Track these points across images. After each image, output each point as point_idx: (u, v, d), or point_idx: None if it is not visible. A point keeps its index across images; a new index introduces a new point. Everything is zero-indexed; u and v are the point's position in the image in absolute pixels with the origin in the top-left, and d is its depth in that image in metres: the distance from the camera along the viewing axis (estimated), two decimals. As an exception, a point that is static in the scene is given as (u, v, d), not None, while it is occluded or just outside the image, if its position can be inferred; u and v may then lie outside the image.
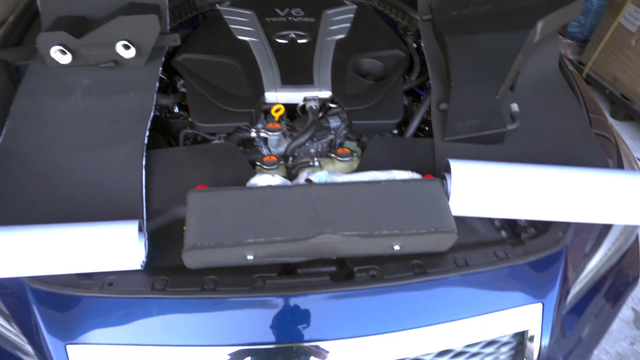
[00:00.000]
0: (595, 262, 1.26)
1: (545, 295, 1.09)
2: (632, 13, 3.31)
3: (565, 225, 1.16)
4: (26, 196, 1.12)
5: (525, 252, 1.09)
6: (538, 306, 1.08)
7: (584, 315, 1.26)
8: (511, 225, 1.19)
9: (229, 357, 0.96)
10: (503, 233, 1.17)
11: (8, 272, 0.94)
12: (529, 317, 1.08)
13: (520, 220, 1.19)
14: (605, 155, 1.31)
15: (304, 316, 0.97)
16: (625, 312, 2.21)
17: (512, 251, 1.09)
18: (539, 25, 1.43)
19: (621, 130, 3.40)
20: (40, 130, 1.25)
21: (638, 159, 1.54)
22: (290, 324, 0.96)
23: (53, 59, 1.38)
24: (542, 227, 1.18)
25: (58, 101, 1.32)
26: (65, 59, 1.38)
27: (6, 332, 1.05)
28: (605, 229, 1.28)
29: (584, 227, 1.19)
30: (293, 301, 0.97)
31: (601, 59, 3.63)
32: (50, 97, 1.33)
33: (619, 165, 1.39)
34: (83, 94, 1.35)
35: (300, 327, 0.96)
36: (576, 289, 1.21)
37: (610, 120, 3.43)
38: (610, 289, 1.34)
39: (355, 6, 1.84)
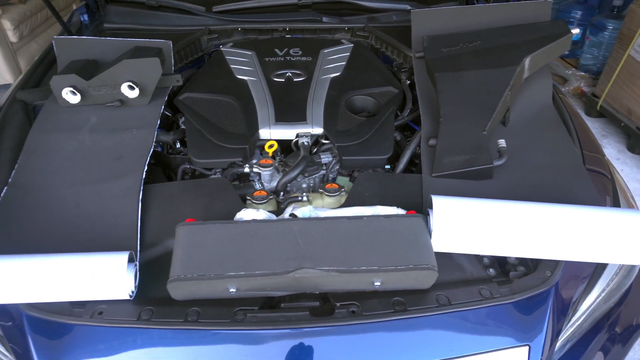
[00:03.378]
0: (590, 302, 1.21)
1: (533, 338, 1.05)
2: (643, 45, 3.30)
3: (555, 264, 1.13)
4: (30, 226, 1.18)
5: (511, 291, 1.07)
6: (524, 349, 1.04)
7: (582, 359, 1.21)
8: (500, 263, 1.18)
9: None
10: (491, 271, 1.15)
11: (4, 298, 0.99)
12: None
13: (510, 258, 1.17)
14: (599, 192, 1.29)
15: (282, 350, 0.97)
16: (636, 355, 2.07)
17: (498, 290, 1.07)
18: (527, 61, 1.46)
19: (639, 163, 3.33)
20: (48, 165, 1.33)
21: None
22: (268, 358, 0.97)
23: (64, 99, 1.48)
24: (532, 265, 1.16)
25: (67, 137, 1.41)
26: (75, 99, 1.48)
27: (2, 357, 1.10)
28: (600, 267, 1.24)
29: (575, 265, 1.16)
30: (272, 335, 0.98)
31: (614, 92, 3.59)
32: (60, 133, 1.42)
33: (615, 203, 1.36)
34: (90, 131, 1.43)
35: (278, 361, 0.97)
36: (569, 331, 1.17)
37: (628, 154, 3.38)
38: (612, 332, 1.27)
39: (351, 45, 1.90)
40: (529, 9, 1.69)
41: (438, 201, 1.10)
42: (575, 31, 1.59)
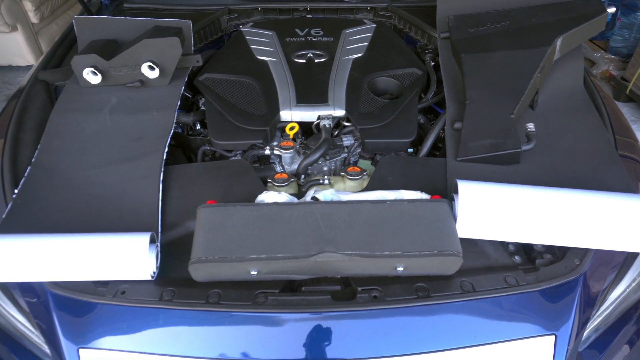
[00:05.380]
0: (619, 293, 1.18)
1: (559, 327, 1.03)
2: (678, 26, 3.15)
3: (583, 252, 1.10)
4: (53, 206, 1.19)
5: (538, 279, 1.04)
6: (550, 338, 1.02)
7: (607, 351, 1.18)
8: (526, 250, 1.15)
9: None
10: (516, 258, 1.13)
11: (29, 276, 1.01)
12: (540, 350, 1.02)
13: (536, 245, 1.14)
14: (632, 178, 1.25)
15: (303, 334, 0.97)
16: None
17: (524, 277, 1.04)
18: (558, 42, 1.40)
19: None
20: (70, 145, 1.34)
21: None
22: (289, 341, 0.97)
23: (85, 79, 1.48)
24: (560, 253, 1.12)
25: (88, 118, 1.41)
26: (96, 79, 1.48)
27: (28, 333, 1.12)
28: (630, 256, 1.20)
29: (604, 253, 1.13)
30: (293, 318, 0.98)
31: (645, 75, 3.46)
32: (81, 114, 1.43)
33: (649, 190, 1.32)
34: (110, 112, 1.43)
35: (298, 344, 0.96)
36: (596, 321, 1.15)
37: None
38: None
39: (374, 25, 1.86)
40: None
41: (464, 186, 1.07)
42: (612, 10, 1.52)
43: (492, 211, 1.04)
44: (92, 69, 1.45)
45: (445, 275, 1.04)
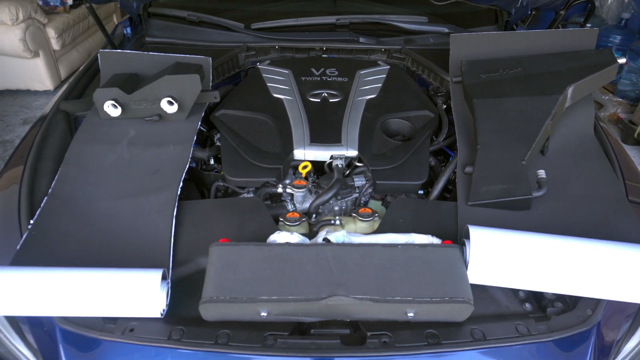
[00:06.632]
0: (634, 344, 1.16)
1: None
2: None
3: (596, 302, 1.09)
4: (67, 238, 1.20)
5: (550, 328, 1.03)
6: None
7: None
8: (537, 297, 1.14)
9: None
10: (527, 305, 1.12)
11: (39, 310, 1.01)
12: None
13: (547, 293, 1.14)
14: None
15: (312, 379, 0.96)
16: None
17: (535, 327, 1.03)
18: (570, 90, 1.42)
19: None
20: (87, 176, 1.36)
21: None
22: (298, 386, 0.96)
23: (105, 112, 1.52)
24: (571, 302, 1.12)
25: (106, 150, 1.44)
26: (116, 112, 1.52)
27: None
28: (644, 307, 1.20)
29: (617, 303, 1.11)
30: (302, 362, 0.97)
31: (654, 119, 3.48)
32: (100, 145, 1.46)
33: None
34: (128, 145, 1.46)
35: (307, 390, 0.96)
36: None
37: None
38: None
39: (388, 67, 1.90)
40: (573, 37, 1.65)
41: (475, 232, 1.07)
42: (622, 61, 1.55)
43: (504, 258, 1.05)
44: (113, 102, 1.49)
45: (456, 322, 1.03)
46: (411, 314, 0.98)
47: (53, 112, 1.62)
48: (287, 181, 1.45)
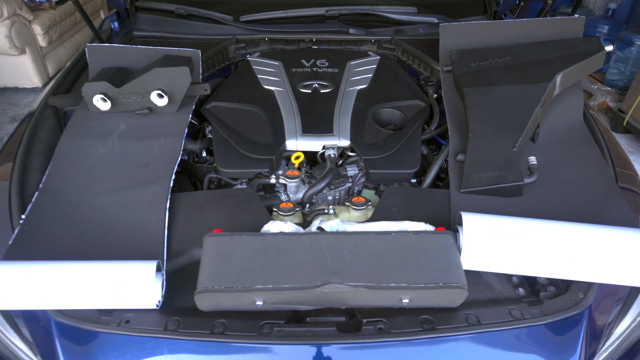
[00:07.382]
0: (625, 327, 1.18)
1: None
2: (673, 61, 3.22)
3: (587, 286, 1.11)
4: (60, 232, 1.20)
5: (542, 312, 1.05)
6: None
7: (615, 386, 1.18)
8: (530, 282, 1.16)
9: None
10: (520, 290, 1.13)
11: (33, 304, 1.00)
12: None
13: (540, 277, 1.15)
14: (632, 211, 1.26)
15: (308, 366, 0.97)
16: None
17: (529, 311, 1.05)
18: (558, 78, 1.44)
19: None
20: (77, 171, 1.35)
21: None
22: (294, 373, 0.97)
23: (95, 106, 1.51)
24: (563, 286, 1.13)
25: (96, 144, 1.43)
26: (106, 106, 1.51)
27: (30, 362, 1.11)
28: (635, 290, 1.20)
29: (608, 287, 1.13)
30: (298, 350, 0.98)
31: (642, 107, 3.52)
32: (90, 140, 1.45)
33: (649, 222, 1.33)
34: (119, 138, 1.45)
35: (303, 377, 0.96)
36: (602, 356, 1.14)
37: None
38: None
39: (378, 57, 1.90)
40: (561, 25, 1.67)
41: (468, 218, 1.08)
42: (609, 48, 1.56)
43: (497, 243, 1.06)
44: (102, 96, 1.48)
45: (450, 308, 1.05)
46: (406, 300, 0.99)
47: (41, 107, 1.60)
48: (280, 172, 1.45)
